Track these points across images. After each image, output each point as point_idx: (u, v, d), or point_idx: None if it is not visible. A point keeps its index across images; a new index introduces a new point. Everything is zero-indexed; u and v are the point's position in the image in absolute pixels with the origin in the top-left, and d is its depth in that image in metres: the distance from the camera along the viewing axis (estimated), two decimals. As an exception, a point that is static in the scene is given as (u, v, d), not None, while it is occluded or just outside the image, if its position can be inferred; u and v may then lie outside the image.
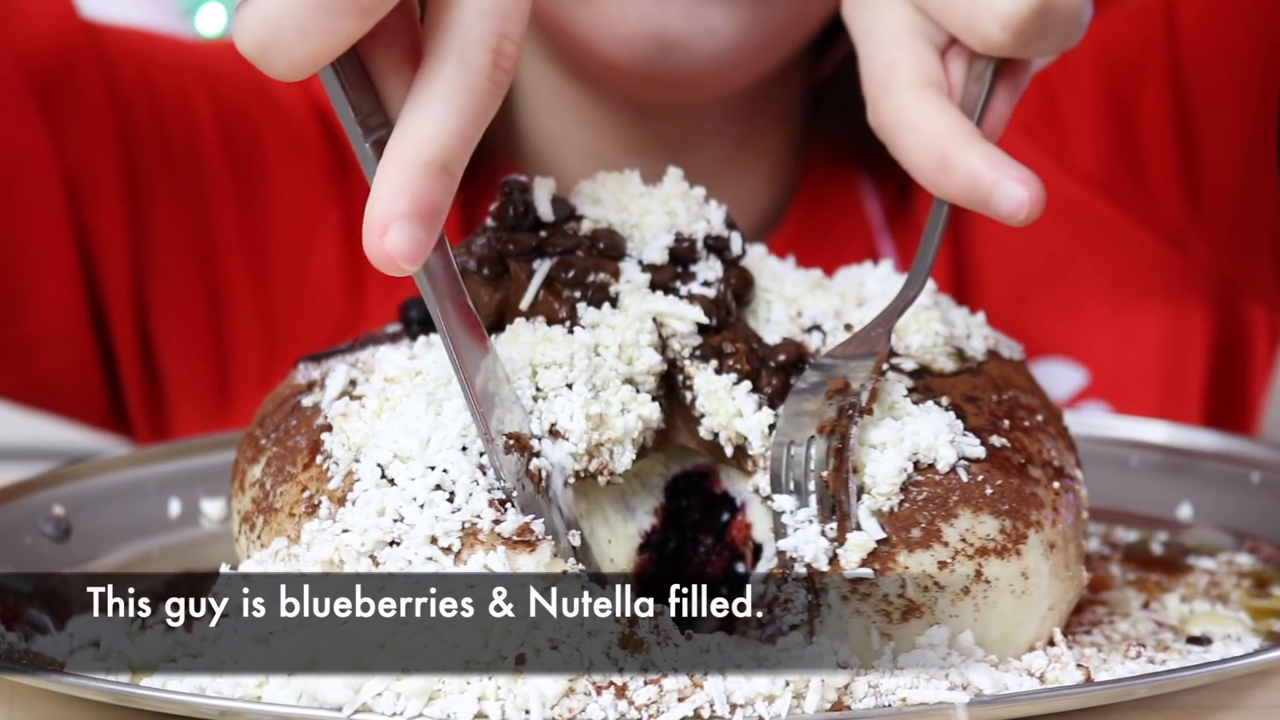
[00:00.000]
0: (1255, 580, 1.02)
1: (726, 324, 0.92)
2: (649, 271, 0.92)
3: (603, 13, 1.28)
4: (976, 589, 0.84)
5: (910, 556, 0.84)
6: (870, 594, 0.83)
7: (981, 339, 0.96)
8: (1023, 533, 0.86)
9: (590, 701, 0.76)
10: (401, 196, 0.77)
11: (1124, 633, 0.93)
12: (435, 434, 0.85)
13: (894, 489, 0.85)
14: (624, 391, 0.88)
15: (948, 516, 0.85)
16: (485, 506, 0.82)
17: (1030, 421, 0.92)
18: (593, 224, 0.93)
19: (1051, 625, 0.87)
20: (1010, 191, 0.87)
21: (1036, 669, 0.84)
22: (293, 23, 0.77)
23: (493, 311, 0.92)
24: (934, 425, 0.87)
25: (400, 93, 0.80)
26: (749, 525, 0.90)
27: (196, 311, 1.43)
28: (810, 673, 0.79)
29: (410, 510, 0.82)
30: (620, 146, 1.41)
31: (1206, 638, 0.92)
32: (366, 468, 0.84)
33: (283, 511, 0.86)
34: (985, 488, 0.86)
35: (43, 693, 0.85)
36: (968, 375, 0.93)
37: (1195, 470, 1.13)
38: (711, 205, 0.95)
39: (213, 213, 1.41)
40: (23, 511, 1.05)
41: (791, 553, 0.84)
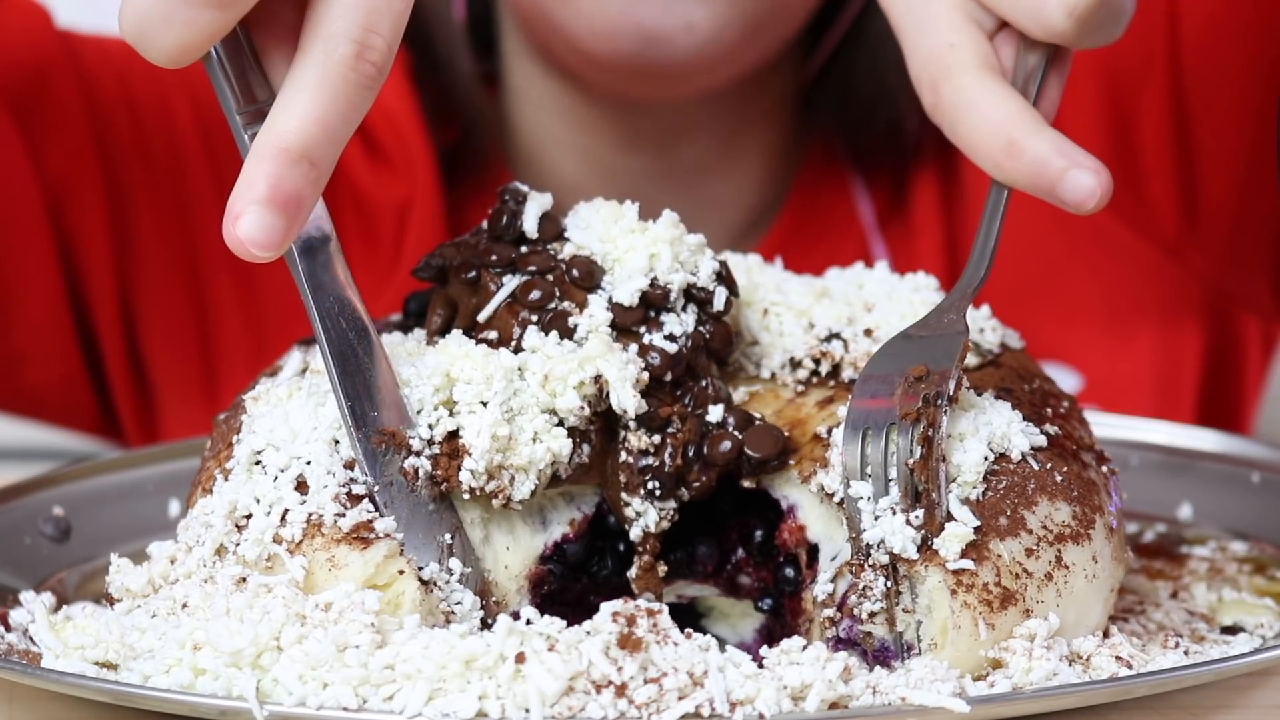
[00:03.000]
0: (1255, 566, 1.03)
1: (684, 384, 0.90)
2: (613, 311, 0.90)
3: (581, 7, 1.28)
4: (1058, 575, 0.85)
5: (1002, 545, 0.84)
6: (973, 585, 0.83)
7: (992, 330, 0.97)
8: (1090, 517, 0.87)
9: (590, 700, 0.76)
10: (258, 184, 0.78)
11: (1159, 622, 0.94)
12: (307, 425, 0.86)
13: (979, 478, 0.85)
14: (539, 420, 0.87)
15: (1028, 504, 0.86)
16: (330, 500, 0.84)
17: (1063, 409, 0.93)
18: (575, 249, 0.92)
19: (1111, 607, 0.89)
20: (1080, 180, 0.86)
21: (1085, 651, 0.85)
22: (157, 15, 0.79)
23: (469, 314, 0.92)
24: (1006, 415, 0.87)
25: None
26: (802, 527, 0.90)
27: (183, 317, 1.43)
28: (810, 671, 0.79)
29: (263, 499, 0.85)
30: (609, 143, 1.41)
31: (1239, 627, 0.93)
32: (242, 453, 0.87)
33: (199, 486, 0.90)
34: (1055, 475, 0.87)
35: (43, 693, 0.85)
36: (991, 368, 0.94)
37: (1195, 470, 1.13)
38: (705, 255, 0.93)
39: (196, 218, 1.42)
40: (23, 511, 1.05)
41: (874, 542, 0.84)
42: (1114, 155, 1.40)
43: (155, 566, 0.88)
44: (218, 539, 0.85)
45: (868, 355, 0.92)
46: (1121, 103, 1.39)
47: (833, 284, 0.99)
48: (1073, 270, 1.45)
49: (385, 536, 0.84)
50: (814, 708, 0.78)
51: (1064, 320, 1.45)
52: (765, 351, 0.95)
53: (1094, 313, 1.45)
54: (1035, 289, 1.44)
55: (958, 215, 1.45)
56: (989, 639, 0.83)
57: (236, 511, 0.86)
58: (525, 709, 0.76)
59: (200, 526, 0.86)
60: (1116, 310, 1.45)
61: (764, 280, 0.98)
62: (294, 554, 0.84)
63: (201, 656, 0.79)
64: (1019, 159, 0.87)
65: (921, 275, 0.98)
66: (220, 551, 0.85)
